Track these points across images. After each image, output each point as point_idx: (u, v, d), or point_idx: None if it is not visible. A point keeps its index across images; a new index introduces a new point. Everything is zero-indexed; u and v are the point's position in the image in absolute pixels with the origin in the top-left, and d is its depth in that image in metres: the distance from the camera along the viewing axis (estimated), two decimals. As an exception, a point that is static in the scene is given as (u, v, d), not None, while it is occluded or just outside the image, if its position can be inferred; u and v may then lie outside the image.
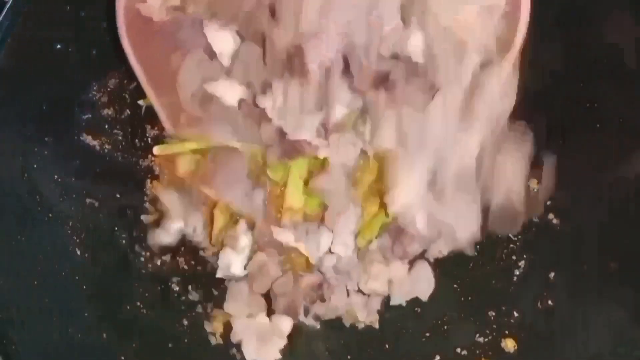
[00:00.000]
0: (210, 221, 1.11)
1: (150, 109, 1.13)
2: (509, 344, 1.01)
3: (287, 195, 1.05)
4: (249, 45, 1.00)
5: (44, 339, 0.96)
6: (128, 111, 1.15)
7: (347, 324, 1.09)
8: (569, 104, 1.07)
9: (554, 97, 1.08)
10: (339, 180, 1.01)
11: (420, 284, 1.06)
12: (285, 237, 1.06)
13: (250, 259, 1.09)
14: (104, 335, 1.01)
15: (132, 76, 1.12)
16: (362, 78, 0.95)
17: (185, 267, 1.12)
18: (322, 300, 1.07)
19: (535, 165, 1.07)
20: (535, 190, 1.08)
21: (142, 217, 1.11)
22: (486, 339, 1.02)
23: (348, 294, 1.07)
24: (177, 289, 1.10)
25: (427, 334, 1.06)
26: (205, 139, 1.07)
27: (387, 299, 1.09)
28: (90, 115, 1.11)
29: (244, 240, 1.07)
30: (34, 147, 1.02)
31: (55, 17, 1.04)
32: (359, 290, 1.07)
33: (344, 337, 1.09)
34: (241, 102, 1.02)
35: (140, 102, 1.15)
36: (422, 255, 1.09)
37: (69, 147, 1.08)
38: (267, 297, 1.09)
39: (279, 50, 0.97)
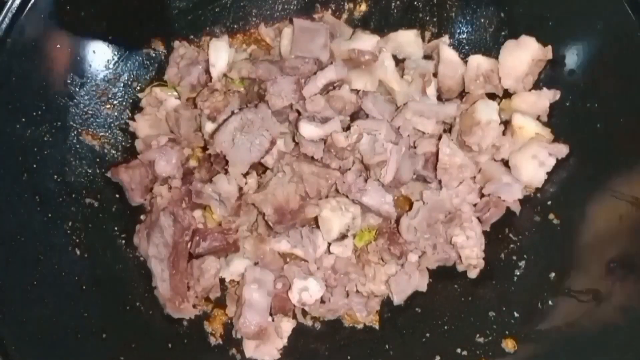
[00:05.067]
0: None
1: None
2: (509, 344, 1.00)
3: None
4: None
5: (44, 338, 0.96)
6: (128, 112, 1.16)
7: (347, 324, 1.09)
8: (571, 105, 1.07)
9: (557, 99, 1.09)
10: None
11: (415, 277, 1.06)
12: (281, 245, 1.06)
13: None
14: (104, 335, 1.01)
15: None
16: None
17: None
18: (322, 301, 1.07)
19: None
20: (530, 194, 1.08)
21: (142, 217, 1.11)
22: (486, 339, 1.02)
23: (347, 295, 1.07)
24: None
25: (427, 334, 1.05)
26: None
27: (386, 299, 1.09)
28: (90, 116, 1.11)
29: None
30: (33, 147, 1.03)
31: (55, 17, 1.04)
32: (358, 291, 1.07)
33: (344, 337, 1.09)
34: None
35: (140, 95, 1.16)
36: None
37: (68, 147, 1.08)
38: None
39: None
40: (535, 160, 1.05)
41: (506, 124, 1.11)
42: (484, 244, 1.06)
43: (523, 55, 1.08)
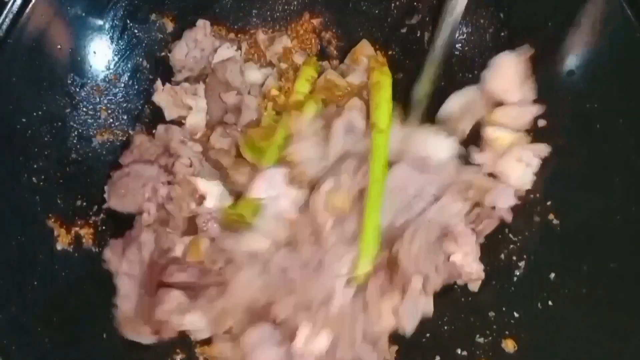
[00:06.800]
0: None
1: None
2: (509, 345, 1.00)
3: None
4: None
5: (45, 339, 0.96)
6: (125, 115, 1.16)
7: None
8: (571, 105, 1.07)
9: (556, 98, 1.09)
10: None
11: (422, 302, 1.03)
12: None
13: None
14: (104, 335, 1.01)
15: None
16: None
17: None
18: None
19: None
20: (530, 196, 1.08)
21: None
22: (486, 340, 1.02)
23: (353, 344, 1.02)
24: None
25: (427, 334, 1.05)
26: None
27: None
28: (90, 116, 1.11)
29: None
30: (34, 148, 1.03)
31: (55, 17, 1.04)
32: (365, 338, 1.02)
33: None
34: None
35: None
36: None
37: (69, 147, 1.08)
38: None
39: None
40: (522, 162, 1.06)
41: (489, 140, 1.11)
42: (480, 253, 1.05)
43: (509, 70, 1.09)
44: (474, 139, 1.11)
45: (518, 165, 1.06)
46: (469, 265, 1.03)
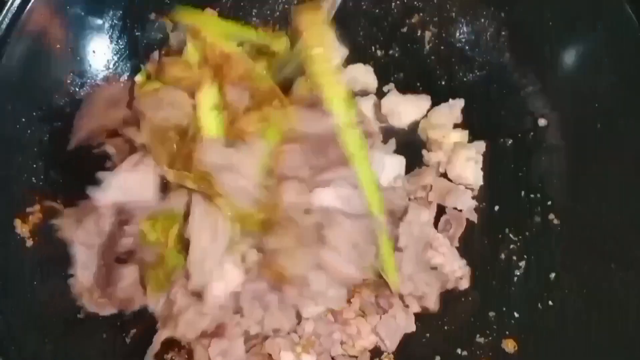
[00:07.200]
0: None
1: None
2: (509, 345, 1.00)
3: None
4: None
5: (44, 339, 0.96)
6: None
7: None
8: (571, 105, 1.07)
9: (556, 98, 1.09)
10: None
11: (402, 317, 1.03)
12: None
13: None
14: (104, 335, 1.01)
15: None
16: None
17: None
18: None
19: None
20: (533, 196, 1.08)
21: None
22: (486, 340, 1.02)
23: None
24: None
25: (427, 334, 1.05)
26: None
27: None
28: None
29: None
30: (34, 147, 1.03)
31: (55, 17, 1.04)
32: (344, 355, 1.02)
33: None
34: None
35: None
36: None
37: (65, 146, 1.08)
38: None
39: None
40: (471, 161, 1.09)
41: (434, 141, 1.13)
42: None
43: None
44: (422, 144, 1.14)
45: (469, 164, 1.09)
46: (450, 264, 1.03)
